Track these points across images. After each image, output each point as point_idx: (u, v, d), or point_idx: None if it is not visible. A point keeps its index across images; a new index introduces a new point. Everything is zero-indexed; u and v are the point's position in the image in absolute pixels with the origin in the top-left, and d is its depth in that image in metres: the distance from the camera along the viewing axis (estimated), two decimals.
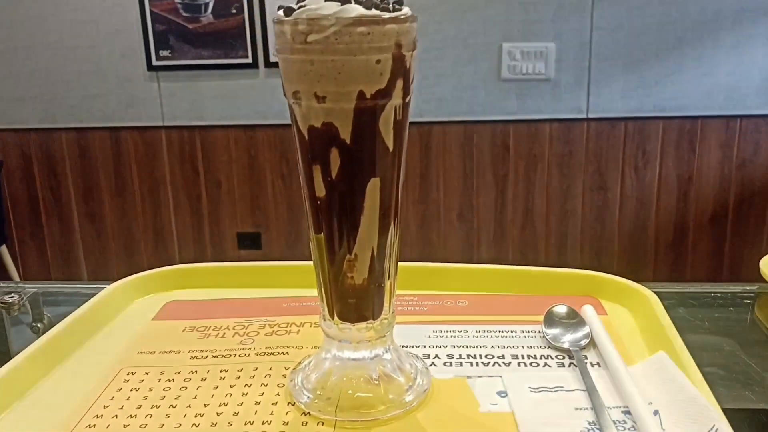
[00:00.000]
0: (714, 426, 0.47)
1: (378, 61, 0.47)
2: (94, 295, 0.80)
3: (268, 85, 2.75)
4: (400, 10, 0.49)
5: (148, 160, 2.85)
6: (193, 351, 0.62)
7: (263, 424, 0.51)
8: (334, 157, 0.49)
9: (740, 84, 2.65)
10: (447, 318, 0.67)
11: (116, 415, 0.53)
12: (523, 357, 0.59)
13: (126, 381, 0.58)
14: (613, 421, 0.50)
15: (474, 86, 2.73)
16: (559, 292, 0.70)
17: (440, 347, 0.62)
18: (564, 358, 0.59)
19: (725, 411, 0.49)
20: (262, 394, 0.55)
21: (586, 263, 2.84)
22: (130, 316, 0.69)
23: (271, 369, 0.58)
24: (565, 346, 0.60)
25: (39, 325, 0.76)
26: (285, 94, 0.50)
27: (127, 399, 0.55)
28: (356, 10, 0.46)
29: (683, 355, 0.56)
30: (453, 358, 0.60)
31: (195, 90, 2.78)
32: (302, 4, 0.48)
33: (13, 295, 0.74)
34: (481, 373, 0.57)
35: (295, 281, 0.73)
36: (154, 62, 2.76)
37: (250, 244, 2.89)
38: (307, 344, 0.62)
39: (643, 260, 2.83)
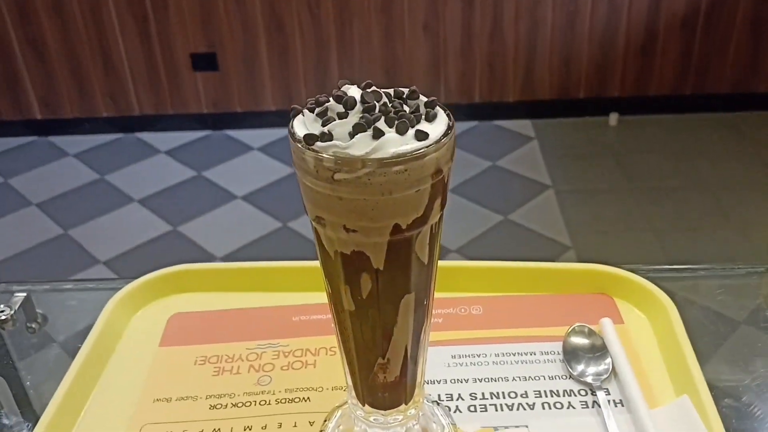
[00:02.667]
0: None
1: (417, 191, 0.41)
2: (84, 291, 0.77)
3: None
4: (434, 113, 0.42)
5: None
6: (210, 396, 0.61)
7: None
8: (365, 280, 0.45)
9: None
10: (463, 334, 0.66)
11: None
12: (546, 394, 0.60)
13: None
14: None
15: None
16: (572, 290, 0.69)
17: (461, 382, 0.61)
18: (586, 394, 0.60)
19: None
20: None
21: (555, 71, 2.79)
22: (132, 342, 0.66)
23: (296, 425, 0.58)
24: (588, 380, 0.60)
25: (34, 325, 0.73)
26: (305, 210, 0.44)
27: None
28: (391, 144, 0.39)
29: (704, 397, 0.57)
30: (476, 399, 0.60)
31: None
32: (324, 130, 0.40)
33: (3, 308, 0.70)
34: (507, 421, 0.58)
35: (297, 284, 0.70)
36: None
37: (206, 66, 2.74)
38: (327, 384, 0.61)
39: (611, 68, 2.78)
